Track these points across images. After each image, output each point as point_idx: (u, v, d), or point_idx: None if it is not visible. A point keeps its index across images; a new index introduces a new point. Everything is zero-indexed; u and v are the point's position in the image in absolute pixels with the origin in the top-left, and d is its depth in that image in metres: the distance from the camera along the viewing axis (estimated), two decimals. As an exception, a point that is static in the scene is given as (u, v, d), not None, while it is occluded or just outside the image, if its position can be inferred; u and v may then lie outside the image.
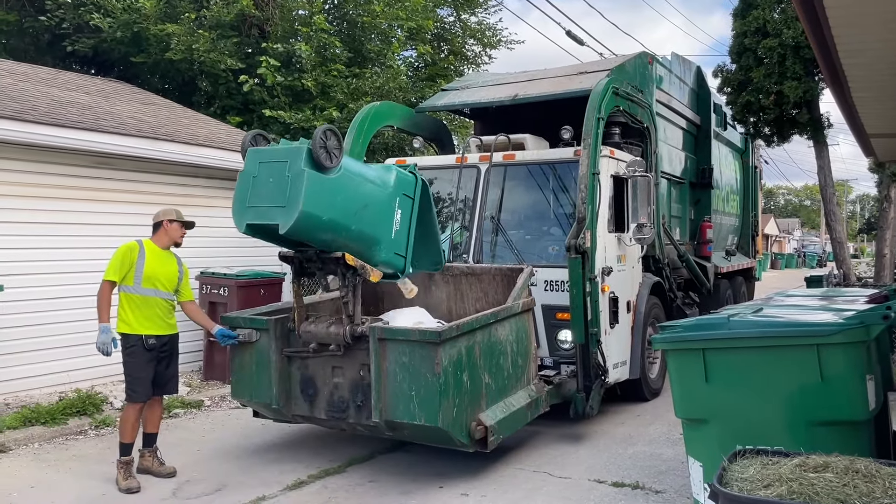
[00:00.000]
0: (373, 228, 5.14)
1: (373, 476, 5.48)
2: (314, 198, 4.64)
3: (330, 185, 4.77)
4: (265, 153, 4.92)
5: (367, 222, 5.08)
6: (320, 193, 4.69)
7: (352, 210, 4.96)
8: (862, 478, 2.68)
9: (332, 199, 4.80)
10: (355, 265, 5.04)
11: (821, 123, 14.26)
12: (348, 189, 4.95)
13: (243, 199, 4.87)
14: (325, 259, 5.10)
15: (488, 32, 18.34)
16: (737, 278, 11.74)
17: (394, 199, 5.32)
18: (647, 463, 5.71)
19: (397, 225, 5.33)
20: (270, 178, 4.75)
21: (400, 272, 5.48)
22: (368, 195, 5.13)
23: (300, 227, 4.65)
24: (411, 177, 5.52)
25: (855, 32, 5.22)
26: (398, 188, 5.36)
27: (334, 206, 4.82)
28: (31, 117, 7.51)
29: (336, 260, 5.03)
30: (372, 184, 5.20)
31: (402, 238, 5.41)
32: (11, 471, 5.63)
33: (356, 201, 5.01)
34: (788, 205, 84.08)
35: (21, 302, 7.18)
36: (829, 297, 5.42)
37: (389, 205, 5.28)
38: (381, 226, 5.21)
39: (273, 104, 13.50)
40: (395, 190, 5.33)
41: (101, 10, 14.07)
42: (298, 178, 4.60)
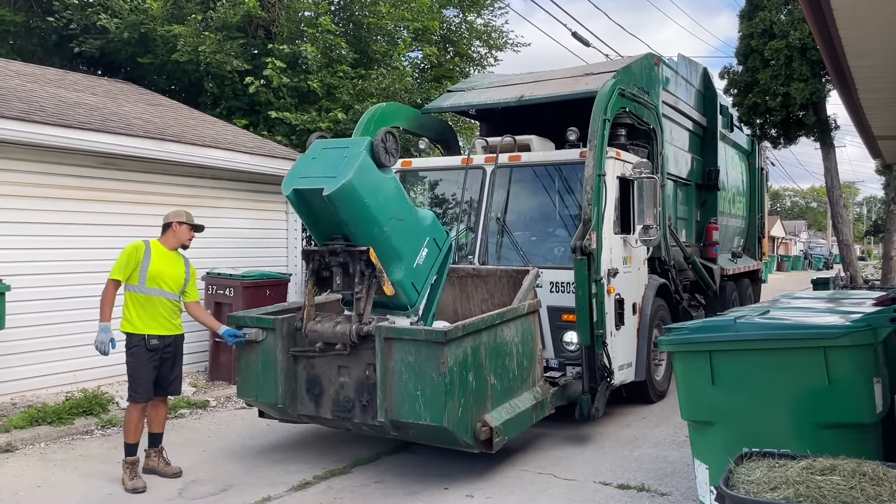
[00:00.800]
0: (400, 243, 5.27)
1: (378, 477, 5.48)
2: (362, 176, 4.91)
3: (378, 177, 5.09)
4: (330, 142, 5.37)
5: (398, 234, 5.23)
6: (368, 177, 4.97)
7: (388, 212, 5.16)
8: (869, 480, 2.67)
9: (376, 189, 5.06)
10: (376, 265, 5.07)
11: (828, 125, 14.23)
12: (391, 193, 5.23)
13: (297, 171, 5.17)
14: (349, 252, 5.11)
15: (494, 34, 18.35)
16: (743, 280, 11.71)
17: (425, 236, 5.56)
18: (653, 465, 5.70)
19: (421, 260, 5.49)
20: (329, 158, 5.06)
21: (409, 305, 5.47)
22: (406, 213, 5.38)
23: (342, 195, 4.83)
24: (444, 232, 5.83)
25: (862, 34, 5.21)
26: (431, 231, 5.63)
27: (375, 196, 5.05)
28: (38, 118, 7.54)
29: (360, 255, 5.07)
30: (411, 208, 5.50)
31: (422, 275, 5.52)
32: (18, 470, 5.65)
33: (394, 208, 5.24)
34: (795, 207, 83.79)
35: (27, 302, 7.20)
36: (835, 299, 5.40)
37: (420, 237, 5.51)
38: (408, 246, 5.36)
39: (279, 105, 13.54)
40: (428, 230, 5.60)
41: (108, 11, 14.13)
42: (355, 156, 4.94)
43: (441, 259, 5.71)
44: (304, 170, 5.13)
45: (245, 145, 10.28)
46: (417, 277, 5.47)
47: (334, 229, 5.15)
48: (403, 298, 5.39)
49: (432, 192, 8.29)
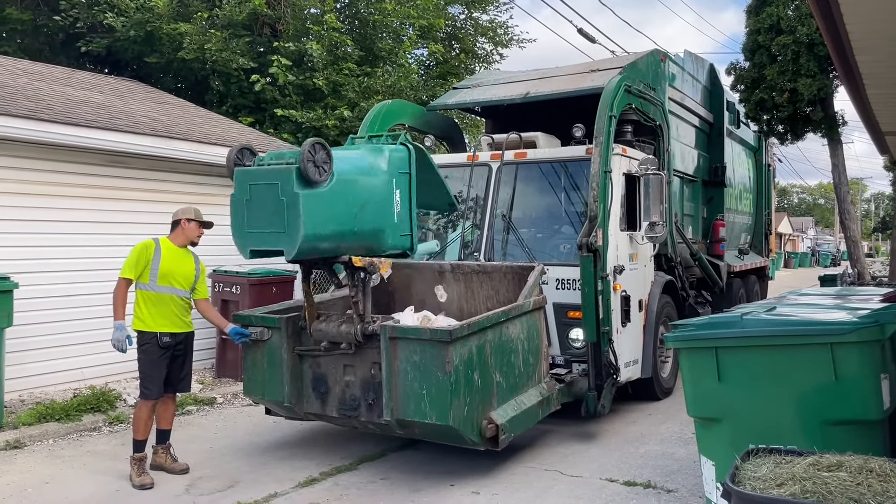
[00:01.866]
0: (375, 221, 5.12)
1: (384, 474, 5.49)
2: (313, 218, 4.61)
3: (325, 198, 4.71)
4: (253, 174, 4.82)
5: (369, 219, 5.06)
6: (318, 211, 4.64)
7: (352, 214, 4.93)
8: (876, 477, 2.66)
9: (331, 212, 4.76)
10: (363, 265, 5.05)
11: (835, 121, 14.16)
12: (344, 195, 4.88)
13: (240, 223, 4.83)
14: (332, 263, 5.13)
15: (499, 31, 18.33)
16: (750, 277, 11.67)
17: (390, 182, 5.25)
18: (659, 462, 5.70)
19: (398, 206, 5.28)
20: (265, 201, 4.68)
21: (409, 251, 5.48)
22: (365, 190, 5.07)
23: (305, 249, 4.66)
24: (404, 151, 5.43)
25: (870, 29, 5.19)
26: (393, 169, 5.29)
27: (334, 218, 4.79)
28: (46, 116, 7.57)
29: (343, 263, 5.07)
30: (366, 176, 5.13)
31: (406, 217, 5.37)
32: (26, 466, 5.69)
33: (354, 204, 4.96)
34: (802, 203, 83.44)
35: (36, 299, 7.24)
36: (843, 295, 5.38)
37: (388, 189, 5.23)
38: (383, 216, 5.19)
39: (284, 103, 13.56)
40: (390, 172, 5.26)
41: (114, 10, 14.17)
42: (294, 201, 4.54)
43: (414, 178, 5.43)
44: (246, 221, 4.79)
45: (251, 143, 10.29)
46: (403, 225, 5.34)
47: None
48: (400, 250, 5.40)
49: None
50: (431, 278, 6.74)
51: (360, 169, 5.14)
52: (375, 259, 5.16)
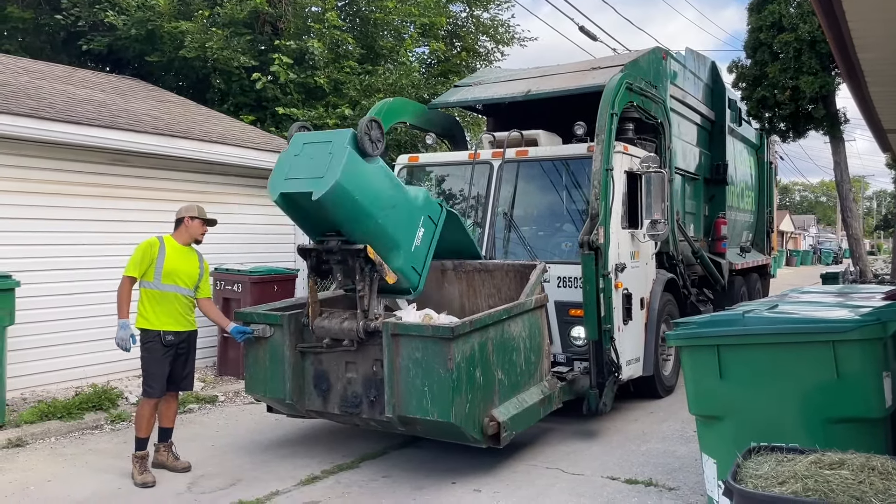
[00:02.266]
0: (396, 230, 5.23)
1: (386, 471, 5.50)
2: (351, 174, 4.80)
3: (367, 170, 4.97)
4: (311, 136, 5.14)
5: (393, 222, 5.18)
6: (357, 173, 4.86)
7: (381, 203, 5.09)
8: (878, 475, 2.66)
9: (367, 184, 4.96)
10: (375, 260, 5.06)
11: (837, 119, 14.14)
12: (382, 183, 5.13)
13: (282, 172, 5.00)
14: (346, 251, 5.12)
15: (501, 29, 18.32)
16: (751, 275, 11.66)
17: (419, 216, 5.48)
18: (661, 460, 5.70)
19: (418, 241, 5.45)
20: (313, 155, 4.91)
21: (412, 289, 5.49)
22: (398, 198, 5.28)
23: (332, 197, 4.76)
24: (437, 205, 5.71)
25: (872, 26, 5.17)
26: (425, 208, 5.54)
27: (366, 191, 4.96)
28: (47, 115, 7.58)
29: (357, 252, 5.06)
30: (402, 192, 5.37)
31: (421, 256, 5.50)
32: (28, 464, 5.70)
33: (386, 197, 5.15)
34: (804, 201, 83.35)
35: (37, 298, 7.25)
36: (845, 293, 5.37)
37: (415, 219, 5.44)
38: (404, 232, 5.32)
39: (286, 101, 13.56)
40: (421, 209, 5.50)
41: (115, 8, 14.18)
42: (340, 153, 4.79)
43: (438, 233, 5.66)
44: (288, 170, 4.98)
45: (253, 141, 10.31)
46: (417, 260, 5.45)
47: (327, 227, 5.13)
48: (405, 283, 5.41)
49: (439, 187, 8.28)
50: (434, 276, 6.73)
51: (401, 184, 5.45)
52: (386, 265, 5.16)
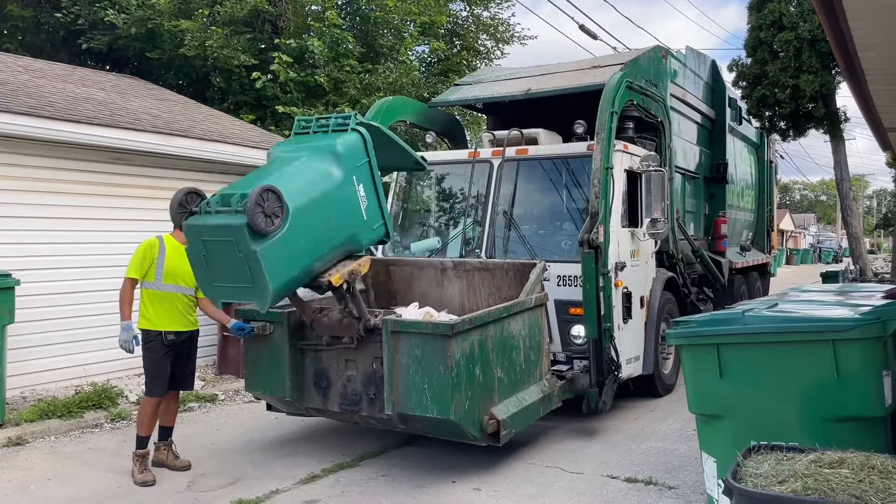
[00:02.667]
0: (346, 229, 4.90)
1: (386, 470, 5.50)
2: (277, 268, 4.38)
3: (285, 241, 4.40)
4: (204, 230, 4.47)
5: (338, 230, 4.82)
6: (280, 259, 4.38)
7: (318, 240, 4.69)
8: (878, 474, 2.66)
9: (296, 251, 4.52)
10: (343, 281, 4.90)
11: (837, 118, 14.13)
12: (304, 227, 4.56)
13: (206, 277, 4.63)
14: (313, 285, 4.98)
15: (501, 27, 18.31)
16: (751, 274, 11.66)
17: (350, 180, 4.90)
18: (661, 459, 5.70)
19: (364, 202, 5.01)
20: (223, 256, 4.41)
21: (385, 237, 5.40)
22: (326, 205, 4.74)
23: (278, 297, 4.57)
24: (357, 138, 4.99)
25: (872, 25, 5.17)
26: (349, 164, 4.90)
27: (301, 255, 4.57)
28: (47, 113, 7.57)
29: (324, 288, 4.96)
30: (322, 189, 4.74)
31: (375, 208, 5.14)
32: (28, 463, 5.70)
33: (318, 228, 4.69)
34: (804, 200, 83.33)
35: (37, 296, 7.24)
36: (845, 292, 5.37)
37: (349, 191, 4.91)
38: (352, 220, 4.96)
39: (286, 100, 13.55)
40: (346, 170, 4.88)
41: (115, 7, 14.17)
42: (252, 259, 4.28)
43: (374, 162, 5.05)
44: (211, 275, 4.52)
45: (253, 140, 10.30)
46: (374, 218, 5.10)
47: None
48: (379, 240, 5.34)
49: (439, 185, 8.28)
50: (433, 275, 6.74)
51: (312, 184, 4.73)
52: (353, 266, 4.98)
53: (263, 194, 4.26)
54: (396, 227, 8.16)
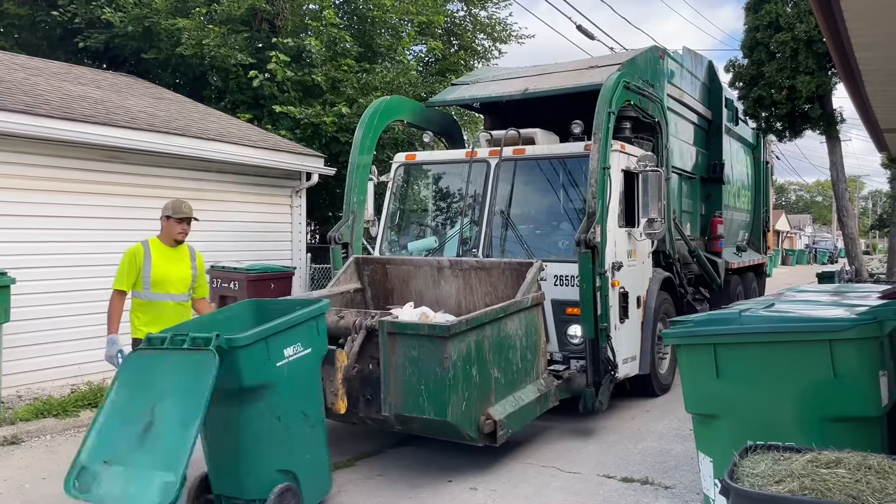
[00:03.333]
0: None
1: (382, 470, 5.49)
2: None
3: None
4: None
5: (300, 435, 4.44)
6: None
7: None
8: (875, 474, 2.66)
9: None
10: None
11: (833, 118, 14.15)
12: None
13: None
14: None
15: (498, 27, 18.31)
16: (748, 274, 11.69)
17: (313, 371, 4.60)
18: (657, 458, 5.70)
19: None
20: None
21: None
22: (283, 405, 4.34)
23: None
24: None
25: (870, 25, 5.17)
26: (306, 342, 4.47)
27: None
28: (43, 111, 7.56)
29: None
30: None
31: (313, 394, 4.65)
32: (24, 462, 5.68)
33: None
34: (800, 200, 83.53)
35: (33, 295, 7.22)
36: (841, 292, 5.37)
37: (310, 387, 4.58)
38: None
39: (283, 99, 13.52)
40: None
41: (112, 5, 14.13)
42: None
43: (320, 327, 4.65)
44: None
45: (250, 139, 10.29)
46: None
47: None
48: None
49: (436, 185, 8.28)
50: (430, 275, 6.73)
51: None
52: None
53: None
54: (394, 226, 8.17)
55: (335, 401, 4.94)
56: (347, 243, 7.56)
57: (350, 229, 7.60)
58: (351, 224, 7.62)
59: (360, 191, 7.82)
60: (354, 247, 7.61)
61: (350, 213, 7.66)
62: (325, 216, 15.25)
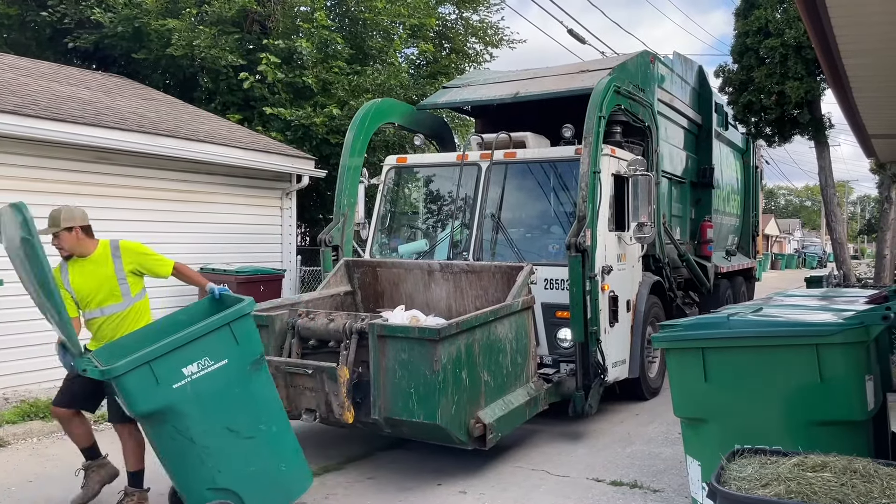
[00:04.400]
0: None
1: (371, 473, 5.48)
2: None
3: None
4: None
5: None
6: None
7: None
8: (860, 477, 2.68)
9: None
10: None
11: (822, 124, 14.24)
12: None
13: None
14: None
15: (490, 30, 18.33)
16: (737, 278, 11.74)
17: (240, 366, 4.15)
18: (646, 462, 5.72)
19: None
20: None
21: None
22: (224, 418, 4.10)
23: None
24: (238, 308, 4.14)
25: (857, 32, 5.22)
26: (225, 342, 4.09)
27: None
28: (31, 112, 7.51)
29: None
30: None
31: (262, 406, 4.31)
32: (10, 465, 5.64)
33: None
34: (789, 205, 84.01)
35: (20, 297, 7.10)
36: (828, 297, 5.41)
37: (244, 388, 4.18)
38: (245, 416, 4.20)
39: (274, 101, 13.50)
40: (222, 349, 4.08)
41: (102, 5, 14.07)
42: None
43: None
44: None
45: (240, 141, 10.26)
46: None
47: None
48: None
49: (427, 188, 8.28)
50: (420, 278, 6.73)
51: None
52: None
53: None
54: (384, 229, 8.16)
55: (342, 412, 4.96)
56: (338, 246, 7.56)
57: (340, 232, 7.59)
58: (341, 226, 7.61)
59: (351, 193, 7.81)
60: (345, 249, 7.61)
61: (340, 216, 7.65)
62: (316, 218, 15.22)
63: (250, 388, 4.16)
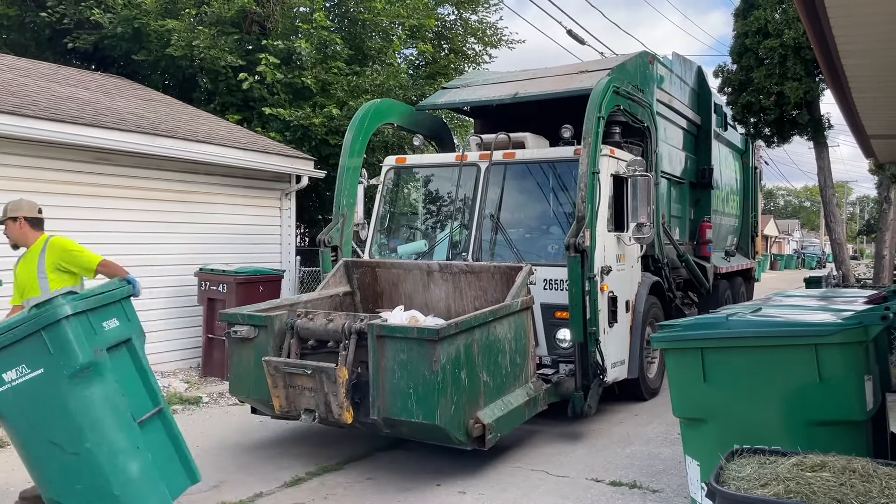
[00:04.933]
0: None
1: (371, 473, 5.48)
2: None
3: None
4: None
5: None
6: None
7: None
8: (859, 477, 2.68)
9: None
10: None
11: (821, 124, 14.25)
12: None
13: None
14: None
15: (489, 31, 18.33)
16: (736, 279, 11.75)
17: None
18: (645, 462, 5.72)
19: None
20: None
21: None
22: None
23: None
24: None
25: (856, 32, 5.22)
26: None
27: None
28: (31, 112, 7.51)
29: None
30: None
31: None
32: (8, 466, 5.63)
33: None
34: (788, 206, 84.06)
35: (20, 297, 7.16)
36: (827, 297, 5.41)
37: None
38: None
39: (273, 101, 13.49)
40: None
41: (101, 6, 14.06)
42: None
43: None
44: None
45: (239, 141, 10.26)
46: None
47: None
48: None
49: (426, 188, 8.29)
50: (420, 278, 6.73)
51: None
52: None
53: None
54: (383, 230, 8.17)
55: (341, 412, 4.98)
56: (337, 246, 7.56)
57: (340, 232, 7.60)
58: (341, 227, 7.62)
59: (350, 194, 7.82)
60: (344, 250, 7.61)
61: (340, 216, 7.66)
62: (315, 219, 15.21)
63: (68, 404, 3.76)
